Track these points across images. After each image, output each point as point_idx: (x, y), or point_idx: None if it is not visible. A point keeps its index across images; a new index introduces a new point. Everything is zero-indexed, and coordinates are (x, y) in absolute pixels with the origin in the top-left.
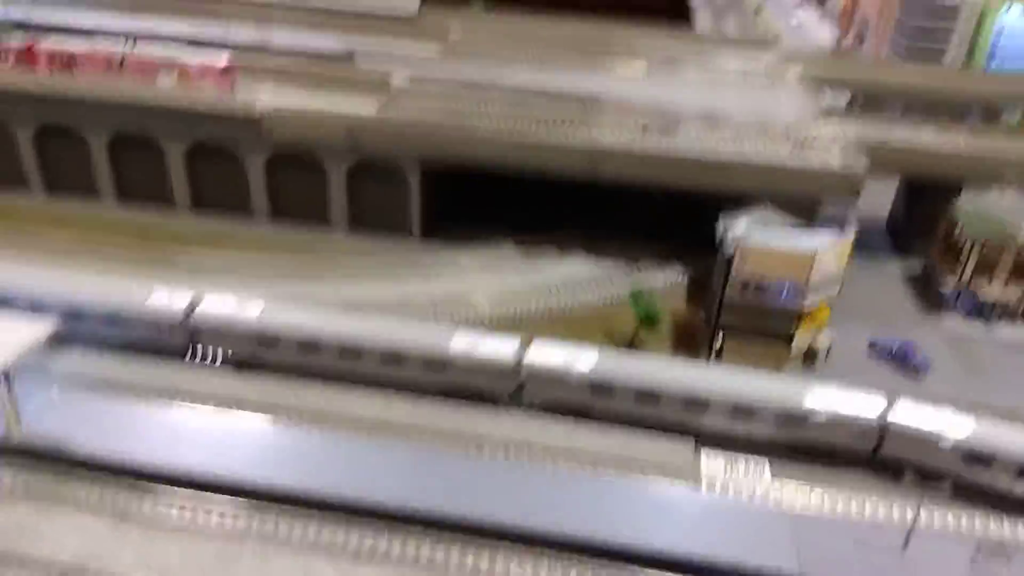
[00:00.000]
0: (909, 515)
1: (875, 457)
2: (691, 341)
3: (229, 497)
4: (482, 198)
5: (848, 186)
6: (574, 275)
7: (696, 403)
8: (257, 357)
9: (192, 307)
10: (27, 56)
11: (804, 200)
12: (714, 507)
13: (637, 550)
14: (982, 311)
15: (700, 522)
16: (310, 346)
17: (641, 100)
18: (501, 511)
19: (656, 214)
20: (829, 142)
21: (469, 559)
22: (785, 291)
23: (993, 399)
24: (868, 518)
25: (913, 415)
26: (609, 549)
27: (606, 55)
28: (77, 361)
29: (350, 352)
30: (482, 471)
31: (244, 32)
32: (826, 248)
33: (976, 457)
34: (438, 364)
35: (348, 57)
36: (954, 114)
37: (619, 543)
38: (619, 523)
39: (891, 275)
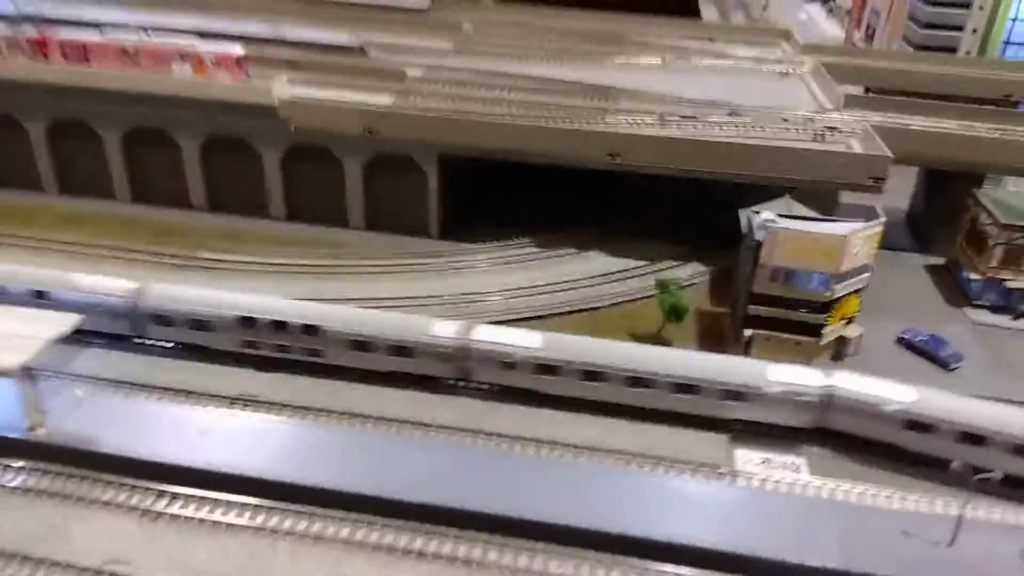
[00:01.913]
0: (955, 509)
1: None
2: (717, 336)
3: (260, 497)
4: (499, 199)
5: (875, 170)
6: (594, 271)
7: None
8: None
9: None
10: (40, 47)
11: (826, 189)
12: (754, 500)
13: (676, 545)
14: (1009, 301)
15: (738, 515)
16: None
17: (659, 90)
18: (534, 507)
19: (675, 213)
20: (851, 130)
21: (507, 557)
22: (816, 279)
23: None
24: (913, 511)
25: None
26: (647, 544)
27: (620, 47)
28: (102, 360)
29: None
30: (513, 466)
31: (255, 26)
32: (857, 233)
33: None
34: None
35: (360, 51)
36: (973, 103)
37: (656, 538)
38: (656, 518)
39: (914, 269)
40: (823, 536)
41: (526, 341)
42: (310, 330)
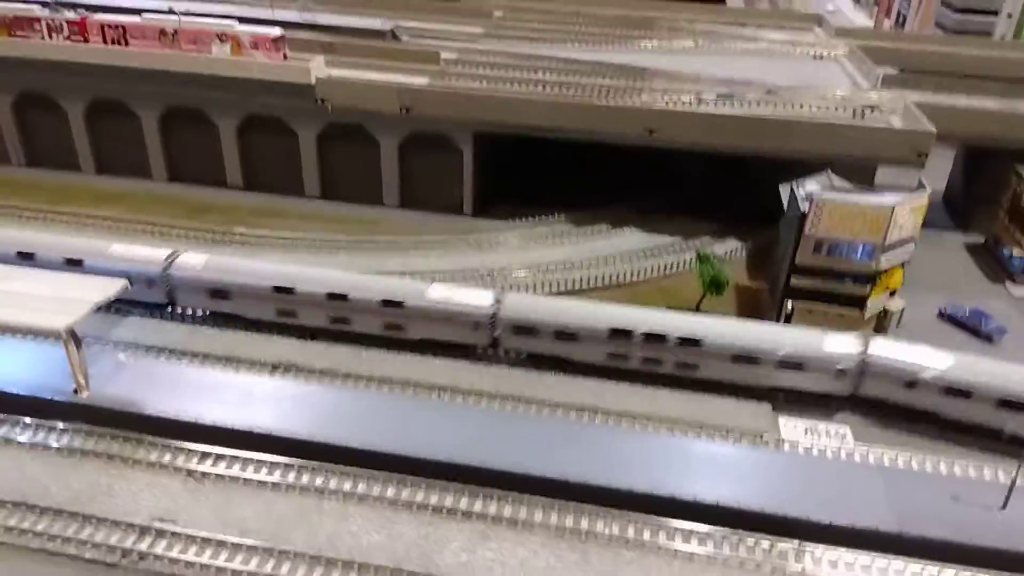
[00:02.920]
0: (1005, 475)
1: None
2: (756, 310)
3: (305, 459)
4: (533, 179)
5: (918, 145)
6: (629, 247)
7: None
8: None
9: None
10: (80, 29)
11: (866, 165)
12: (801, 466)
13: (723, 507)
14: None
15: (786, 480)
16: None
17: (694, 71)
18: (578, 470)
19: (710, 191)
20: (890, 106)
21: (553, 517)
22: (860, 250)
23: None
24: (963, 476)
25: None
26: (693, 506)
27: (652, 32)
28: (141, 328)
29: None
30: (558, 432)
31: (289, 13)
32: (904, 204)
33: None
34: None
35: (392, 35)
36: (1013, 83)
37: (704, 500)
38: (702, 482)
39: (953, 248)
40: (873, 500)
41: (933, 360)
42: (689, 343)
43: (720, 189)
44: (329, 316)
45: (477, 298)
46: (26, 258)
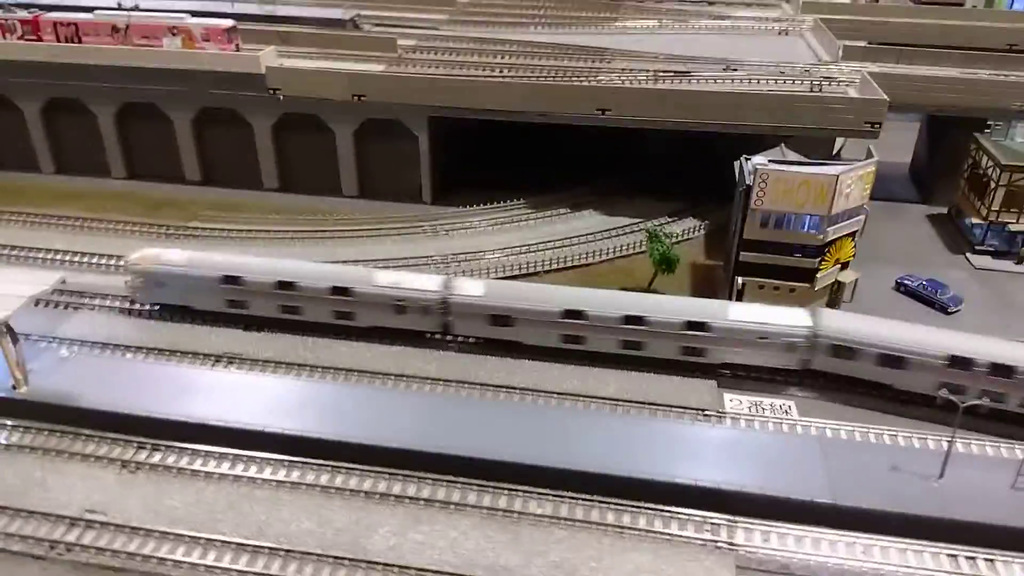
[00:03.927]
0: (944, 443)
1: None
2: (710, 287)
3: (241, 448)
4: (493, 166)
5: (871, 114)
6: (587, 229)
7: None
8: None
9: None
10: (33, 27)
11: (822, 137)
12: (744, 441)
13: (661, 483)
14: (1012, 246)
15: (729, 455)
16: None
17: (654, 50)
18: (525, 452)
19: (671, 171)
20: (849, 78)
21: (486, 499)
22: (808, 221)
23: None
24: (903, 446)
25: None
26: (635, 484)
27: (617, 12)
28: (89, 323)
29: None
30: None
31: (248, 6)
32: (848, 173)
33: None
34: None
35: (353, 24)
36: (977, 52)
37: (648, 478)
38: (645, 459)
39: (916, 219)
40: (812, 473)
41: None
42: (1004, 371)
43: (684, 169)
44: (620, 341)
45: (792, 318)
46: (287, 287)
